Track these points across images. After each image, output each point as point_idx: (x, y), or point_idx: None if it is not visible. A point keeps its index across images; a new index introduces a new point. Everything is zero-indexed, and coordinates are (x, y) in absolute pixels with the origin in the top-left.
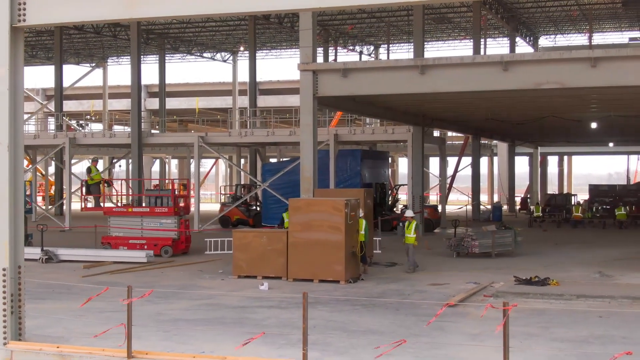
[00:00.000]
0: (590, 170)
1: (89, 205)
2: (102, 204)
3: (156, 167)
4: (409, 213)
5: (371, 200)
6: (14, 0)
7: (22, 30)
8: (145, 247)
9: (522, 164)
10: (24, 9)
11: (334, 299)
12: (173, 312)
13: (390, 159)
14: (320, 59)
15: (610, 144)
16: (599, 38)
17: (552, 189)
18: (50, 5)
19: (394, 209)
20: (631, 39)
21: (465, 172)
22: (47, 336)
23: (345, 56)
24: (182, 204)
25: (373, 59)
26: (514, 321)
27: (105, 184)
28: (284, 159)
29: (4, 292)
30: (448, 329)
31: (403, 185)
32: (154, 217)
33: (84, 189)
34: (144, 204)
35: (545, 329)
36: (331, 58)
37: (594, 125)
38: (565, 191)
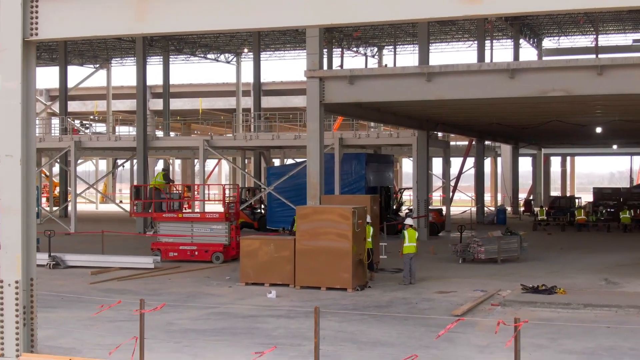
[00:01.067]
0: (593, 169)
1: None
2: (162, 209)
3: (159, 166)
4: (408, 221)
5: (377, 206)
6: (27, 14)
7: (34, 44)
8: (196, 253)
9: (525, 163)
10: (37, 23)
11: (342, 308)
12: (183, 321)
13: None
14: (324, 61)
15: (614, 146)
16: (603, 40)
17: (555, 188)
18: (62, 19)
19: (399, 213)
20: (635, 40)
21: (469, 171)
22: (59, 347)
23: (350, 58)
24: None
25: (377, 60)
26: (522, 332)
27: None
28: (288, 162)
29: (17, 304)
30: (457, 341)
31: (408, 188)
32: (205, 222)
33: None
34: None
35: (553, 340)
36: (335, 60)
37: (598, 129)
38: (568, 191)
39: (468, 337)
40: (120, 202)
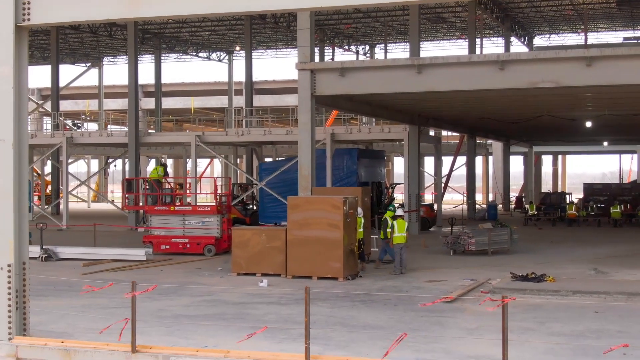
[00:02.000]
0: (585, 169)
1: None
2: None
3: (151, 166)
4: (398, 212)
5: (369, 198)
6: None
7: (27, 30)
8: (188, 245)
9: (516, 163)
10: (29, 8)
11: (333, 295)
12: (174, 308)
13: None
14: (316, 59)
15: (605, 143)
16: (593, 38)
17: (547, 187)
18: (55, 4)
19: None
20: (625, 38)
21: (460, 171)
22: (51, 332)
23: (342, 56)
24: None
25: (369, 57)
26: (511, 316)
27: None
28: (280, 158)
29: (9, 288)
30: (446, 324)
31: (399, 184)
32: (197, 215)
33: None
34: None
35: (541, 323)
36: (327, 58)
37: (588, 124)
38: (559, 190)
39: (457, 321)
40: (112, 201)
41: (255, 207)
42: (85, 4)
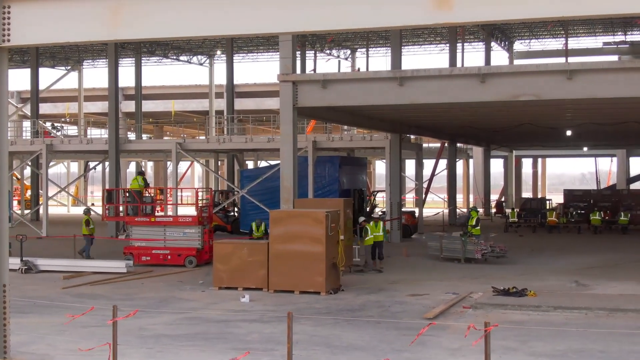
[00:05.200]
0: (564, 170)
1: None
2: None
3: (132, 168)
4: (362, 219)
5: (351, 210)
6: None
7: (6, 50)
8: (169, 257)
9: (496, 165)
10: (9, 29)
11: (316, 312)
12: (155, 326)
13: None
14: (297, 64)
15: (585, 148)
16: (573, 43)
17: (527, 189)
18: (35, 25)
19: (372, 215)
20: (605, 43)
21: (442, 173)
22: (32, 353)
23: (323, 61)
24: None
25: (350, 63)
26: (493, 334)
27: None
28: (262, 163)
29: None
30: (429, 344)
31: (381, 191)
32: (178, 226)
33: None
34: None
35: (523, 342)
36: (309, 63)
37: (569, 132)
38: (539, 192)
39: (440, 340)
40: (92, 204)
41: (236, 215)
42: (65, 25)
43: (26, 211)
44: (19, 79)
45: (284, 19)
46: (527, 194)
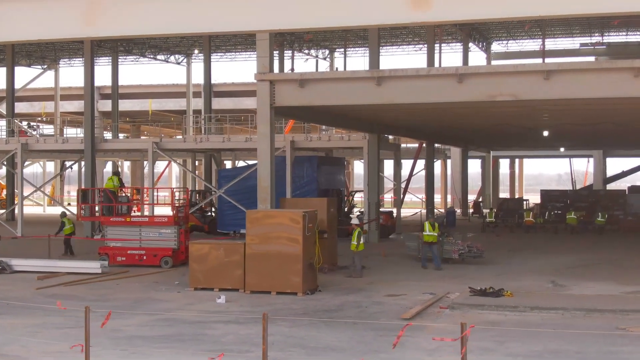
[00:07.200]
0: (541, 170)
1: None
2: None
3: (108, 168)
4: (354, 221)
5: (335, 209)
6: None
7: None
8: (145, 257)
9: (474, 166)
10: None
11: (293, 313)
12: (130, 328)
13: (346, 162)
14: (275, 64)
15: (562, 149)
16: (550, 44)
17: (504, 189)
18: (10, 22)
19: (350, 215)
20: (582, 44)
21: (420, 173)
22: (5, 355)
23: (301, 60)
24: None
25: (328, 63)
26: (470, 334)
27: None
28: (240, 163)
29: None
30: (406, 344)
31: (359, 191)
32: (154, 226)
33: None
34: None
35: (500, 343)
36: (286, 62)
37: (545, 133)
38: (516, 193)
39: (417, 341)
40: (69, 204)
41: (214, 215)
42: (40, 22)
43: (1, 211)
44: None
45: (261, 17)
46: (504, 194)
